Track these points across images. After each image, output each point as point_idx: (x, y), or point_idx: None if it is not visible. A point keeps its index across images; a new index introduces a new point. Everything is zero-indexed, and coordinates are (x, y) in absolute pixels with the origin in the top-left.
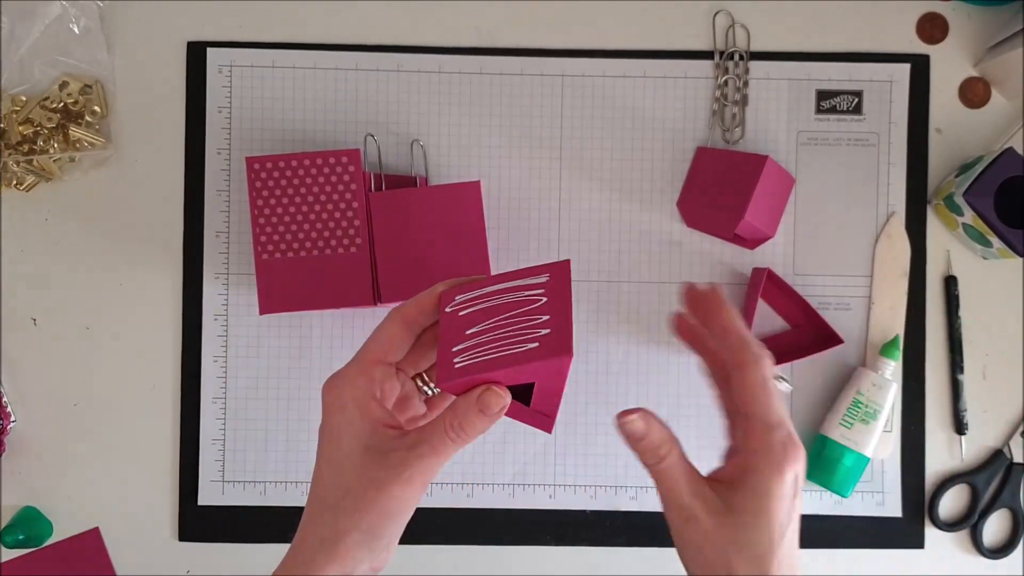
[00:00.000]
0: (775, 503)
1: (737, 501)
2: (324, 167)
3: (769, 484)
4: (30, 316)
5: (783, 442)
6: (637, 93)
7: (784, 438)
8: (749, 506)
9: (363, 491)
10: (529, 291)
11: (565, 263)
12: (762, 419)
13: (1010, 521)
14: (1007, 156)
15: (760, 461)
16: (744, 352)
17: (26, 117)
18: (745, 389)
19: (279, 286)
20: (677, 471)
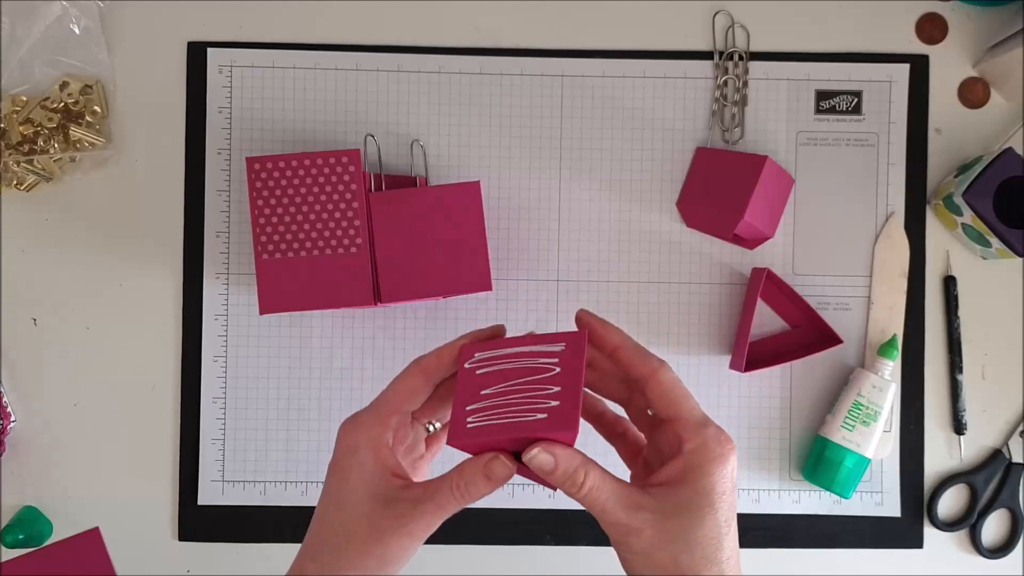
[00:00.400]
0: (719, 498)
1: (682, 501)
2: (324, 167)
3: (712, 480)
4: (30, 316)
5: (716, 437)
6: (637, 93)
7: (715, 432)
8: (694, 503)
9: (366, 538)
10: (545, 358)
11: (582, 334)
12: (689, 418)
13: (1009, 521)
14: (1006, 156)
15: (699, 458)
16: (648, 361)
17: (27, 117)
18: (664, 394)
19: (279, 286)
20: (603, 492)
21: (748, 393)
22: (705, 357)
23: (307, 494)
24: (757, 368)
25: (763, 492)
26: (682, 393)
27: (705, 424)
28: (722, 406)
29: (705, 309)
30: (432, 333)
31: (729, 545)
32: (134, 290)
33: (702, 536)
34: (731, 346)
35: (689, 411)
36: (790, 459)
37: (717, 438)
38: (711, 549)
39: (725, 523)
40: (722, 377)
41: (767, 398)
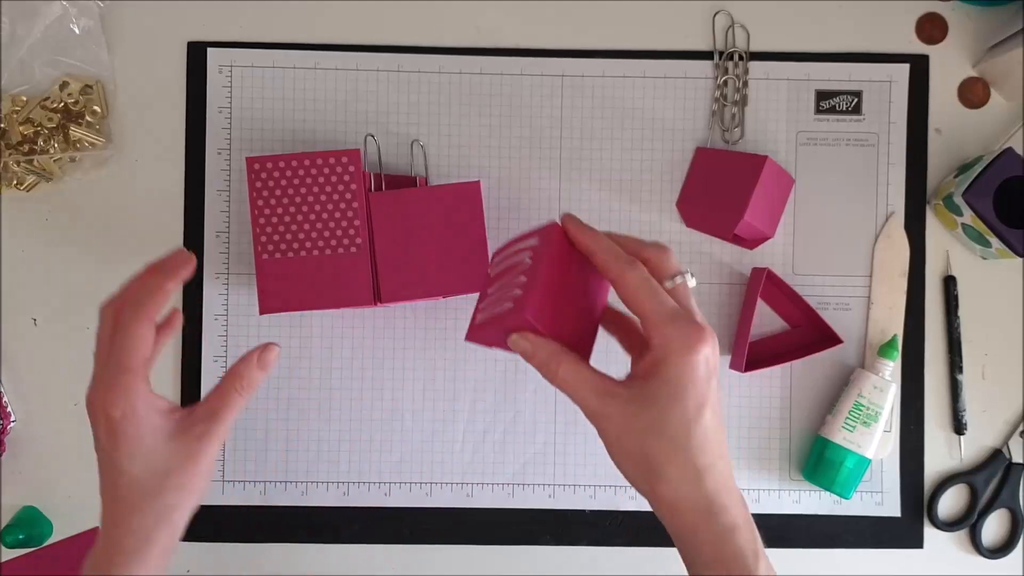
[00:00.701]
0: (685, 387)
1: (650, 392)
2: (324, 167)
3: (676, 371)
4: (30, 316)
5: (684, 329)
6: (637, 93)
7: (683, 325)
8: (661, 393)
9: (183, 467)
10: (525, 253)
11: (551, 226)
12: (654, 314)
13: (1009, 521)
14: (1006, 156)
15: (663, 352)
16: (614, 265)
17: (27, 117)
18: (628, 296)
19: (279, 286)
20: (575, 378)
21: (748, 393)
22: None
23: (307, 494)
24: (757, 368)
25: (763, 492)
26: (648, 292)
27: (672, 319)
28: (722, 406)
29: (705, 309)
30: (432, 333)
31: (700, 433)
32: None
33: (668, 425)
34: (731, 346)
35: (654, 308)
36: (790, 459)
37: (682, 331)
38: (679, 437)
39: (695, 411)
40: (722, 377)
41: (767, 398)
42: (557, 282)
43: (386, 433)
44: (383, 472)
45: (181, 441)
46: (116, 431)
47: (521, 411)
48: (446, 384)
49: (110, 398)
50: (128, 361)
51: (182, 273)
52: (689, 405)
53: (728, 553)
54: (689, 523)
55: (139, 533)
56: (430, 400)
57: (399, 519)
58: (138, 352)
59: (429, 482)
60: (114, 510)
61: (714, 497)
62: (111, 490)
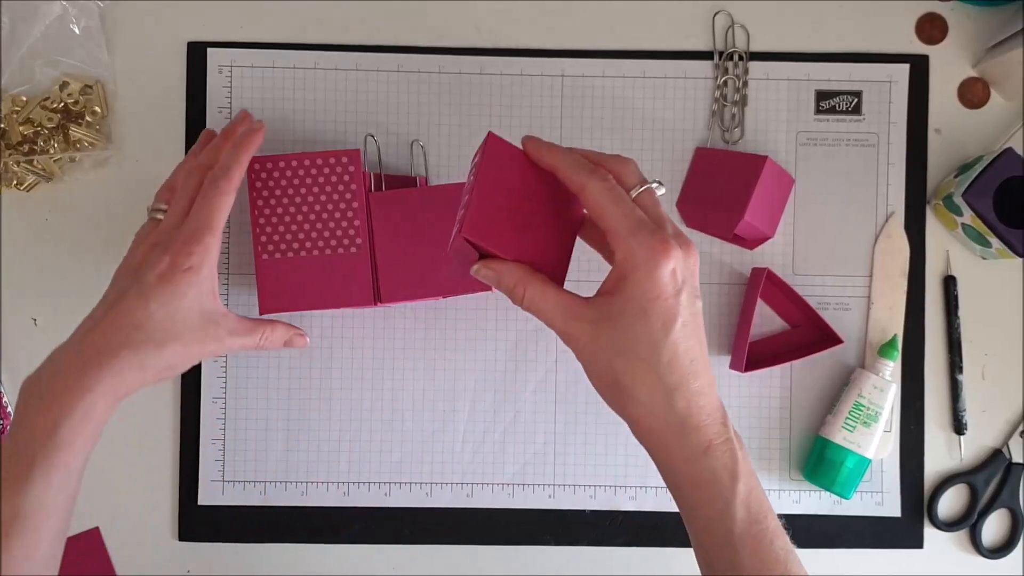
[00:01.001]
0: (650, 303)
1: (615, 309)
2: (324, 167)
3: (641, 285)
4: (30, 316)
5: (647, 241)
6: (637, 93)
7: (646, 237)
8: (625, 310)
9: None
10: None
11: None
12: (617, 227)
13: (1009, 521)
14: (1006, 156)
15: (625, 267)
16: (576, 175)
17: (27, 117)
18: (591, 206)
19: (279, 286)
20: (543, 302)
21: (748, 393)
22: None
23: (307, 494)
24: (757, 368)
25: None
26: (611, 200)
27: (635, 230)
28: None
29: (705, 309)
30: (432, 333)
31: (668, 351)
32: None
33: (634, 342)
34: (731, 346)
35: (616, 220)
36: (790, 459)
37: (645, 243)
38: (645, 355)
39: (662, 328)
40: (722, 377)
41: (767, 398)
42: (502, 194)
43: (386, 433)
44: (383, 472)
45: (210, 327)
46: (173, 279)
47: (521, 411)
48: (446, 384)
49: (187, 248)
50: (214, 222)
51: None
52: (654, 322)
53: (702, 474)
54: (662, 443)
55: (118, 365)
56: (430, 400)
57: (399, 519)
58: (222, 216)
59: (429, 482)
60: (108, 335)
61: (685, 417)
62: (120, 317)
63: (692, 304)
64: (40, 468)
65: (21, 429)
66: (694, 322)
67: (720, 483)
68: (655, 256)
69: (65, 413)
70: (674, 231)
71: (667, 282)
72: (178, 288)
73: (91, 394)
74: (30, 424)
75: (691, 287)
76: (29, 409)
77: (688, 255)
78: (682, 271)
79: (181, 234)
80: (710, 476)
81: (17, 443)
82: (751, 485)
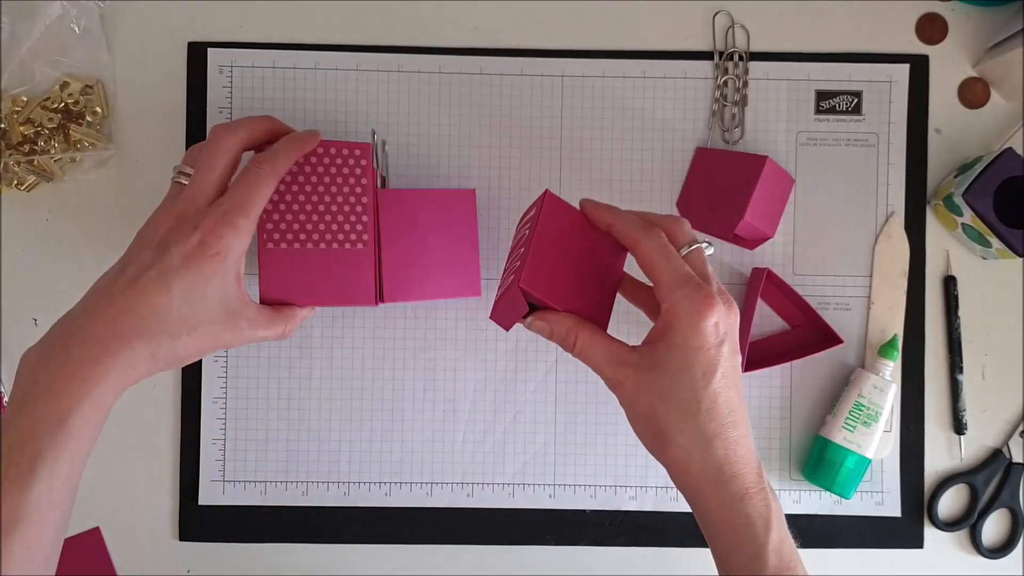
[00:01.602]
0: (693, 353)
1: (659, 357)
2: (337, 158)
3: (685, 336)
4: (30, 316)
5: (690, 296)
6: (637, 94)
7: (692, 291)
8: (668, 359)
9: (206, 336)
10: (527, 226)
11: (543, 196)
12: (666, 280)
13: (1009, 521)
14: (1006, 156)
15: (671, 317)
16: (631, 232)
17: (27, 117)
18: (643, 261)
19: (282, 276)
20: (592, 349)
21: (748, 393)
22: None
23: (307, 494)
24: (757, 368)
25: None
26: (662, 256)
27: (682, 284)
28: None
29: None
30: (432, 333)
31: (708, 400)
32: None
33: (676, 389)
34: None
35: (665, 274)
36: (790, 459)
37: (691, 297)
38: (686, 403)
39: (703, 377)
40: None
41: (767, 398)
42: (555, 248)
43: (386, 433)
44: (383, 472)
45: (230, 318)
46: (199, 262)
47: (521, 411)
48: (446, 384)
49: (220, 229)
50: (252, 205)
51: (308, 149)
52: (696, 371)
53: (737, 520)
54: (699, 487)
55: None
56: (430, 400)
57: (399, 519)
58: (261, 202)
59: (429, 482)
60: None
61: (723, 465)
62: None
63: (732, 357)
64: (47, 460)
65: (25, 415)
66: (734, 375)
67: (755, 529)
68: (700, 309)
69: (75, 402)
70: (719, 288)
71: (710, 334)
72: (203, 272)
73: (103, 384)
74: (34, 411)
75: (732, 341)
76: (36, 392)
77: (730, 311)
78: (724, 325)
79: (214, 212)
80: (745, 522)
81: (21, 431)
82: (783, 535)
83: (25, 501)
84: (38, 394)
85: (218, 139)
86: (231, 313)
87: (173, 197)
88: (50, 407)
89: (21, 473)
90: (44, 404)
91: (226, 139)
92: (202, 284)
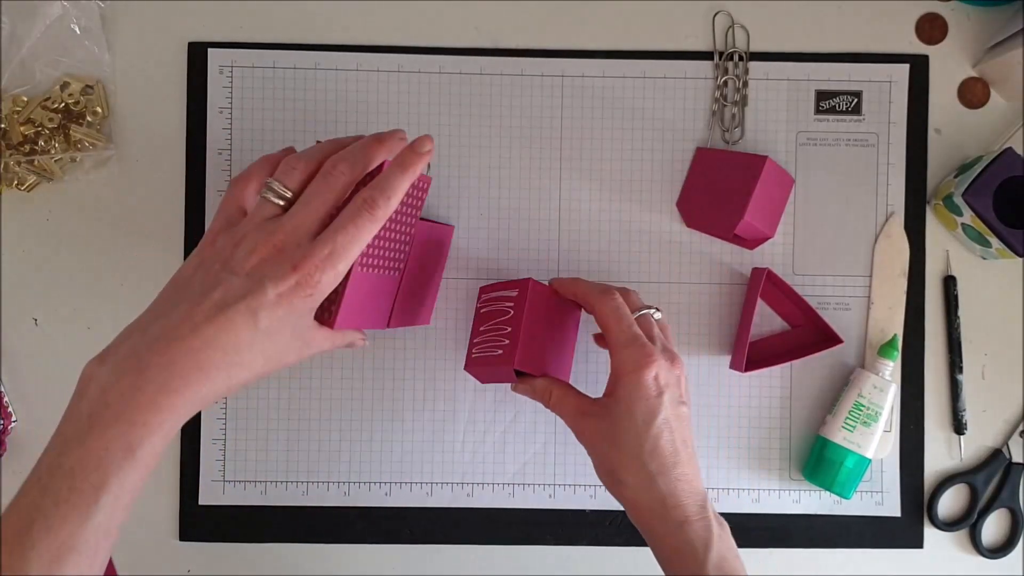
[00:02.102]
0: (636, 403)
1: (610, 408)
2: None
3: (628, 388)
4: (31, 316)
5: (636, 352)
6: (637, 94)
7: (636, 350)
8: (615, 408)
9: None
10: (507, 303)
11: (525, 282)
12: (614, 340)
13: (1009, 521)
14: (1006, 156)
15: (618, 372)
16: (591, 297)
17: (27, 117)
18: (600, 322)
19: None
20: (563, 403)
21: (748, 393)
22: (705, 357)
23: (308, 494)
24: (757, 368)
25: (763, 492)
26: (615, 317)
27: (628, 343)
28: (722, 406)
29: (705, 309)
30: (433, 333)
31: (650, 443)
32: (135, 290)
33: (622, 434)
34: (731, 346)
35: (615, 334)
36: (790, 459)
37: (634, 353)
38: (631, 446)
39: (643, 424)
40: (722, 377)
41: (767, 398)
42: (536, 326)
43: (387, 433)
44: (383, 472)
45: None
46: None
47: (521, 411)
48: (446, 384)
49: (319, 274)
50: (353, 249)
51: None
52: (638, 417)
53: (681, 545)
54: (647, 519)
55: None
56: (430, 400)
57: (399, 519)
58: (363, 244)
59: (429, 482)
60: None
61: (666, 497)
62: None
63: (675, 407)
64: (111, 490)
65: (94, 439)
66: (677, 421)
67: (695, 553)
68: (641, 364)
69: (147, 433)
70: (664, 347)
71: (649, 385)
72: (293, 311)
73: (176, 415)
74: (103, 437)
75: (673, 392)
76: (107, 417)
77: (673, 367)
78: (664, 377)
79: (317, 253)
80: (686, 546)
81: (89, 456)
82: (724, 554)
83: (84, 530)
84: (108, 419)
85: (334, 169)
86: (302, 340)
87: (267, 218)
88: (121, 436)
89: (85, 500)
90: (115, 431)
91: (343, 170)
92: (291, 321)
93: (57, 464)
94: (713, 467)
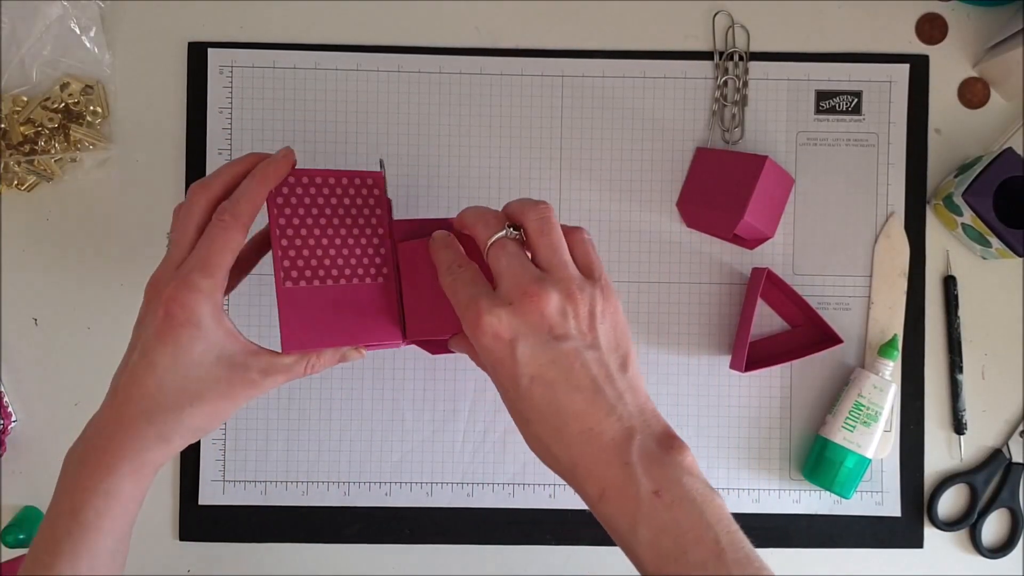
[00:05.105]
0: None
1: None
2: (349, 188)
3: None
4: (31, 316)
5: (466, 318)
6: (637, 93)
7: (463, 311)
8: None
9: (215, 399)
10: None
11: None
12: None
13: (1009, 521)
14: (1006, 156)
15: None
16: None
17: (27, 117)
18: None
19: (303, 318)
20: None
21: (748, 393)
22: (705, 357)
23: (308, 494)
24: (757, 368)
25: (763, 492)
26: (450, 291)
27: (463, 313)
28: (722, 406)
29: (705, 309)
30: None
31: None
32: (135, 290)
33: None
34: (731, 346)
35: (457, 308)
36: (790, 459)
37: (467, 321)
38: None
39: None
40: (722, 377)
41: (767, 398)
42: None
43: (387, 433)
44: (384, 472)
45: (237, 373)
46: (171, 335)
47: None
48: (446, 384)
49: (180, 296)
50: (212, 263)
51: (280, 176)
52: (506, 385)
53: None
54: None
55: (137, 441)
56: (430, 400)
57: (399, 519)
58: (225, 256)
59: (429, 482)
60: (124, 407)
61: (572, 467)
62: (131, 385)
63: (545, 351)
64: (64, 556)
65: (49, 512)
66: (554, 369)
67: (619, 531)
68: (472, 327)
69: (88, 496)
70: (514, 284)
71: (492, 347)
72: (179, 343)
73: (114, 475)
74: (57, 507)
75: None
76: (59, 488)
77: (519, 310)
78: (508, 329)
79: (175, 279)
80: (609, 523)
81: (45, 527)
82: (660, 528)
83: None
84: (59, 490)
85: (189, 198)
86: (237, 368)
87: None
88: (66, 503)
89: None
90: (62, 500)
91: (197, 196)
92: (184, 354)
93: None
94: (713, 467)
